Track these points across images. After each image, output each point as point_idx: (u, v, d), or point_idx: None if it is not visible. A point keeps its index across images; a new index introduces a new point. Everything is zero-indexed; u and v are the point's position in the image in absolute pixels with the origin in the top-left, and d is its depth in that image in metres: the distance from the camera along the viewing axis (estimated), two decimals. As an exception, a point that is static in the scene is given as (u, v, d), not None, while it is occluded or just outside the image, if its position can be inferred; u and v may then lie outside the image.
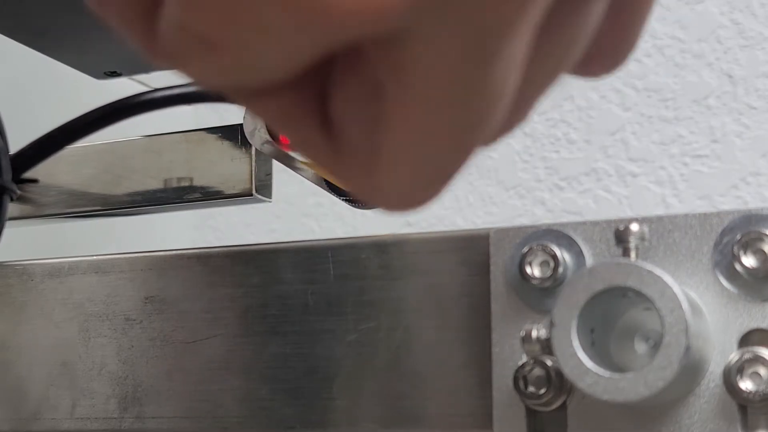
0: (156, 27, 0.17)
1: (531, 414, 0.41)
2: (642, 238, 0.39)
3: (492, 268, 0.42)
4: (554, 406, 0.40)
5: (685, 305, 0.36)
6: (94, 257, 0.51)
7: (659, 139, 0.93)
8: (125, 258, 0.50)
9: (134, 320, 0.49)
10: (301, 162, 0.46)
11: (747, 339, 0.38)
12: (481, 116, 0.18)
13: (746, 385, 0.37)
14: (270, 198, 0.54)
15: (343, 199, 0.51)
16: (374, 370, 0.45)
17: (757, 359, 0.37)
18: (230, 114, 0.48)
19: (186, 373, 0.48)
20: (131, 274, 0.50)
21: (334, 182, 0.50)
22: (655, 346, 0.37)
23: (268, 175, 0.53)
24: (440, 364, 0.44)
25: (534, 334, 0.39)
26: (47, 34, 0.51)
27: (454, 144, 0.19)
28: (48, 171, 0.56)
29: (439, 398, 0.43)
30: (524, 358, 0.40)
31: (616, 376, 0.37)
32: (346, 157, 0.19)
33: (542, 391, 0.40)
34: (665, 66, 0.93)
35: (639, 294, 0.37)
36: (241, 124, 0.52)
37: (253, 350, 0.47)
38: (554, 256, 0.40)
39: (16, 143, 0.53)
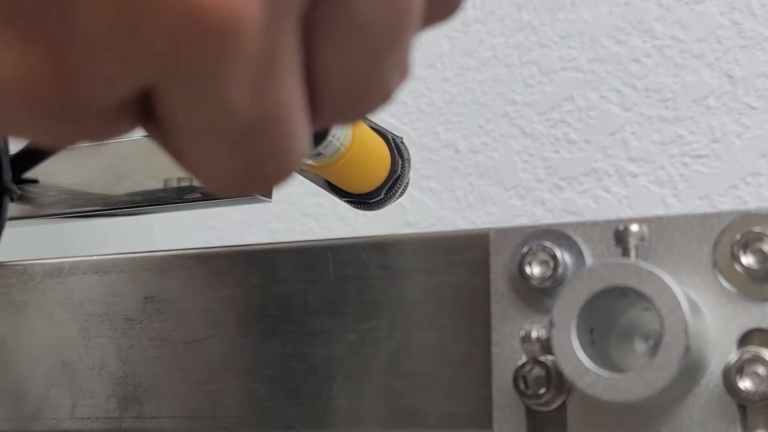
0: None
1: (531, 414, 0.41)
2: (642, 239, 0.39)
3: (492, 268, 0.42)
4: (554, 406, 0.40)
5: (684, 305, 0.36)
6: (94, 257, 0.51)
7: (659, 139, 0.93)
8: (125, 258, 0.50)
9: (134, 320, 0.49)
10: (303, 163, 0.46)
11: (746, 339, 0.38)
12: (251, 133, 0.21)
13: (746, 385, 0.37)
14: (270, 198, 0.54)
15: (344, 200, 0.51)
16: (374, 370, 0.45)
17: (757, 359, 0.37)
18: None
19: (186, 373, 0.48)
20: (131, 274, 0.50)
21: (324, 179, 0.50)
22: (655, 346, 0.37)
23: (268, 175, 0.53)
24: (440, 364, 0.44)
25: (534, 334, 0.39)
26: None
27: (240, 153, 0.22)
28: (48, 171, 0.56)
29: (439, 398, 0.44)
30: (524, 358, 0.40)
31: (616, 376, 0.37)
32: (173, 149, 0.23)
33: (542, 391, 0.40)
34: (665, 66, 0.93)
35: (639, 294, 0.37)
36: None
37: (253, 350, 0.47)
38: (554, 256, 0.40)
39: (16, 143, 0.53)
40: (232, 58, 0.20)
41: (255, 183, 0.23)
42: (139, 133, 0.23)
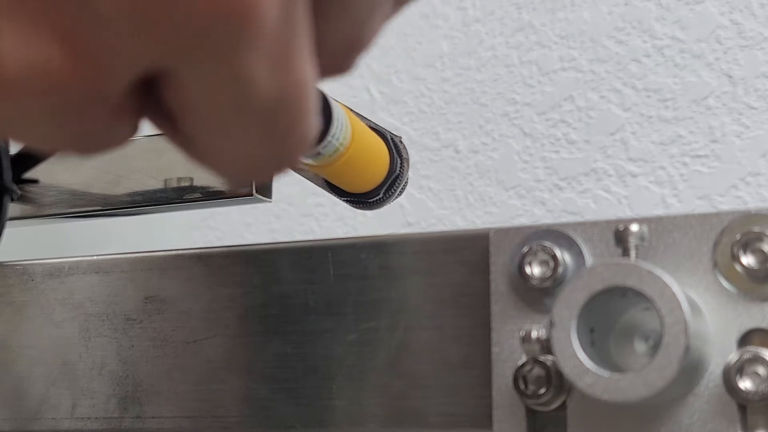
0: None
1: (531, 414, 0.41)
2: (642, 238, 0.39)
3: (492, 268, 0.42)
4: (554, 406, 0.40)
5: (684, 305, 0.36)
6: (94, 257, 0.51)
7: (659, 139, 0.93)
8: (125, 258, 0.50)
9: (134, 320, 0.49)
10: (302, 163, 0.46)
11: (746, 339, 0.38)
12: (272, 116, 0.21)
13: (746, 384, 0.37)
14: (270, 198, 0.54)
15: (343, 200, 0.51)
16: (374, 370, 0.45)
17: (757, 359, 0.37)
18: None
19: (186, 373, 0.48)
20: (131, 274, 0.50)
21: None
22: (655, 346, 0.37)
23: (268, 175, 0.53)
24: (440, 364, 0.44)
25: (534, 334, 0.39)
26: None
27: (260, 136, 0.21)
28: (48, 171, 0.56)
29: (439, 398, 0.44)
30: (524, 358, 0.40)
31: (616, 376, 0.37)
32: (188, 144, 0.22)
33: (542, 390, 0.40)
34: (665, 66, 0.93)
35: (638, 294, 0.37)
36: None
37: (253, 350, 0.47)
38: (554, 256, 0.40)
39: (16, 144, 0.53)
40: (254, 35, 0.19)
41: (275, 165, 0.23)
42: (139, 133, 0.23)
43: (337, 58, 0.23)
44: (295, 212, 1.05)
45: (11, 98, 0.19)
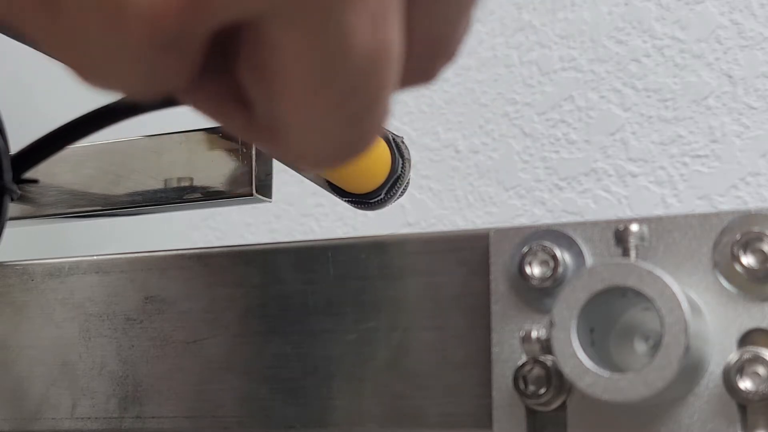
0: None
1: (531, 414, 0.41)
2: (642, 238, 0.39)
3: (492, 268, 0.42)
4: (554, 406, 0.40)
5: (684, 305, 0.36)
6: (94, 257, 0.51)
7: (659, 139, 0.93)
8: (125, 258, 0.50)
9: (134, 320, 0.49)
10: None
11: (746, 339, 0.38)
12: (362, 78, 0.20)
13: (746, 384, 0.37)
14: (270, 198, 0.54)
15: (345, 200, 0.51)
16: (374, 370, 0.45)
17: (757, 359, 0.37)
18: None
19: (186, 373, 0.48)
20: (131, 274, 0.50)
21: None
22: (655, 346, 0.37)
23: (268, 175, 0.53)
24: (440, 364, 0.44)
25: (534, 334, 0.39)
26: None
27: (347, 106, 0.20)
28: (48, 171, 0.56)
29: (439, 398, 0.44)
30: (524, 358, 0.40)
31: (616, 376, 0.37)
32: (262, 128, 0.21)
33: (542, 390, 0.40)
34: (665, 66, 0.93)
35: (638, 294, 0.37)
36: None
37: (253, 350, 0.47)
38: (554, 256, 0.40)
39: (16, 143, 0.53)
40: None
41: (354, 144, 0.21)
42: (139, 134, 0.23)
43: (422, 63, 0.22)
44: (295, 212, 1.05)
45: (123, 35, 0.18)
